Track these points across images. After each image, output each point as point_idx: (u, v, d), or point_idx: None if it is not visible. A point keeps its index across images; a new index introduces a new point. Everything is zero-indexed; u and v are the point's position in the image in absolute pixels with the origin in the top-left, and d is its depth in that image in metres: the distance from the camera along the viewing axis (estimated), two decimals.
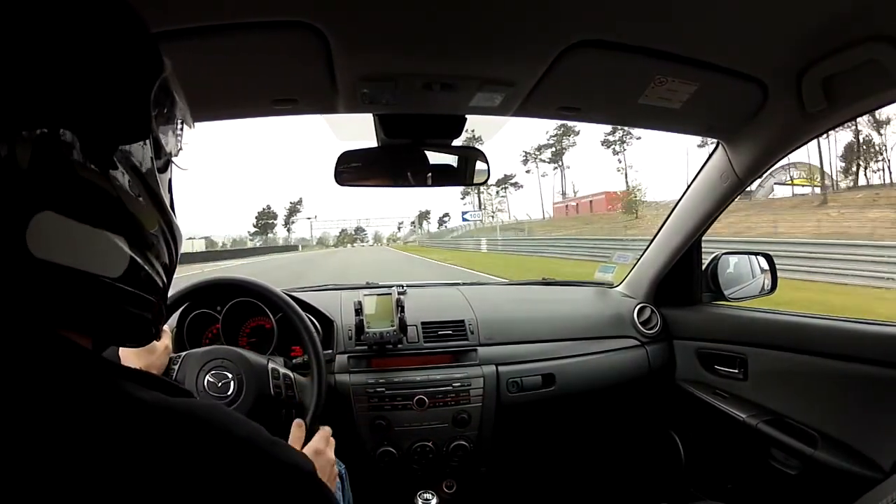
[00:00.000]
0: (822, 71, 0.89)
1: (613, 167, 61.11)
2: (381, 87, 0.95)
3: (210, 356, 1.02)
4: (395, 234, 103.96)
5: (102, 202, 0.35)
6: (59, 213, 0.33)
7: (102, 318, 0.37)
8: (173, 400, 0.35)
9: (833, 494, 1.07)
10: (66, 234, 0.33)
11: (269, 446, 0.37)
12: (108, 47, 0.36)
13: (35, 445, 0.29)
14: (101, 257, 0.35)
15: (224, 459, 0.34)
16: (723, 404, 1.38)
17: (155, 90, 0.39)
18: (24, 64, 0.32)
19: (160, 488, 0.31)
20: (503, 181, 66.18)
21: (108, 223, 0.36)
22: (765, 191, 32.84)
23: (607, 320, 1.60)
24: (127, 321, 0.39)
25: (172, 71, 0.41)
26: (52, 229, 0.33)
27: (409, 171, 1.21)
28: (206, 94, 0.94)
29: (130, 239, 0.37)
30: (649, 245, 1.62)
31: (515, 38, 0.82)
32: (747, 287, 1.53)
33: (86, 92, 0.34)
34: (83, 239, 0.34)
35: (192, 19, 0.73)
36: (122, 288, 0.37)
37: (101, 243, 0.35)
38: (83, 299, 0.35)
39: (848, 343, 1.12)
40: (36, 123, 0.32)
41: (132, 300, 0.38)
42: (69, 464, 0.29)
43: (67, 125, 0.33)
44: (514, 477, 1.63)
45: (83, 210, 0.34)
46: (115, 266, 0.36)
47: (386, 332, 1.34)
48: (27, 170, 0.31)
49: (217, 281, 1.21)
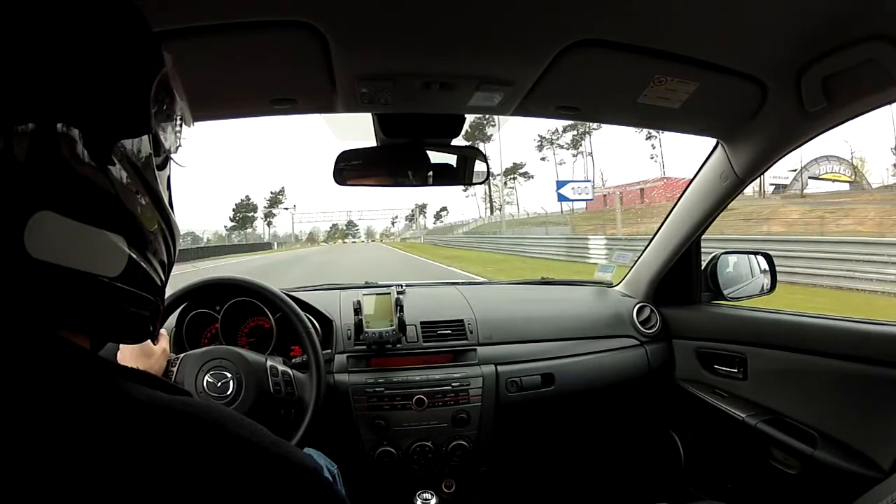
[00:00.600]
0: (822, 70, 0.89)
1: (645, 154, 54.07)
2: (380, 87, 0.95)
3: (208, 356, 1.02)
4: (388, 230, 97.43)
5: (101, 200, 0.35)
6: (57, 211, 0.32)
7: (100, 318, 0.37)
8: (173, 399, 0.35)
9: (833, 494, 1.07)
10: (65, 234, 0.33)
11: (273, 446, 0.37)
12: (108, 41, 0.36)
13: (34, 446, 0.29)
14: (100, 257, 0.35)
15: (227, 460, 0.34)
16: (722, 404, 1.38)
17: (155, 85, 0.38)
18: (23, 57, 0.31)
19: (162, 489, 0.30)
20: (512, 171, 60.57)
21: (107, 221, 0.35)
22: (799, 185, 31.08)
23: (607, 320, 1.60)
24: (125, 320, 0.39)
25: (172, 67, 0.41)
26: (50, 229, 0.32)
27: (409, 170, 1.21)
28: (205, 93, 0.94)
29: (129, 237, 0.37)
30: (648, 244, 1.62)
31: (514, 37, 0.82)
32: (747, 286, 1.53)
33: (85, 86, 0.34)
34: (82, 239, 0.34)
35: (191, 19, 0.73)
36: (120, 287, 0.37)
37: (99, 242, 0.35)
38: (81, 299, 0.35)
39: (848, 342, 1.12)
40: (33, 117, 0.32)
41: (130, 299, 0.38)
42: (68, 464, 0.29)
43: (65, 119, 0.33)
44: (514, 476, 1.63)
45: (82, 208, 0.34)
46: (114, 265, 0.36)
47: (385, 331, 1.34)
48: (24, 165, 0.31)
49: (216, 280, 1.21)
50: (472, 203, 59.55)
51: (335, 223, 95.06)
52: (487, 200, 61.06)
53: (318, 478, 0.38)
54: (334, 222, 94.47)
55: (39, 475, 0.28)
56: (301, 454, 0.39)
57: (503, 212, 55.40)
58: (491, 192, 60.54)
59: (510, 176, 60.07)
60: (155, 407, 0.33)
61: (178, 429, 0.33)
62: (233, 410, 0.39)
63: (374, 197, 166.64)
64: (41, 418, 0.30)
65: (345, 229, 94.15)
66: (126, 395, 0.33)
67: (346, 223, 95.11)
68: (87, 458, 0.29)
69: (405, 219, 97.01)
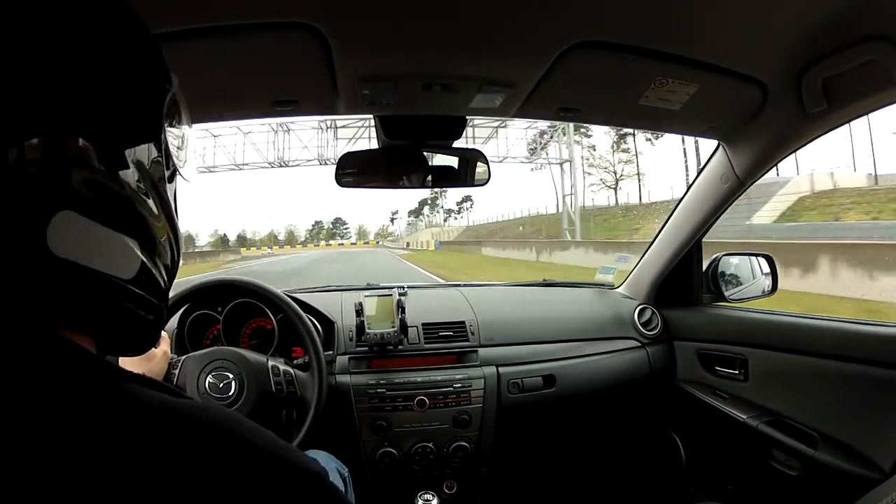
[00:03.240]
0: (823, 71, 0.89)
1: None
2: (382, 88, 0.95)
3: (210, 358, 1.03)
4: (385, 229, 75.69)
5: (118, 204, 0.36)
6: (78, 213, 0.33)
7: (111, 319, 0.38)
8: (177, 402, 0.35)
9: (833, 495, 1.07)
10: (85, 234, 0.34)
11: (277, 449, 0.37)
12: (125, 58, 0.37)
13: (38, 447, 0.29)
14: (116, 258, 0.36)
15: (231, 463, 0.34)
16: (723, 405, 1.38)
17: (168, 100, 0.40)
18: (41, 71, 0.32)
19: (165, 492, 0.30)
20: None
21: (123, 225, 0.37)
22: None
23: (608, 321, 1.60)
24: (132, 323, 0.40)
25: (178, 84, 0.43)
26: (72, 228, 0.33)
27: (411, 172, 1.21)
28: (207, 95, 0.94)
29: (141, 242, 0.38)
30: (650, 246, 1.62)
31: (515, 38, 0.82)
32: (748, 288, 1.52)
33: (103, 99, 0.35)
34: (101, 240, 0.35)
35: (193, 20, 0.73)
36: (132, 290, 0.38)
37: (117, 244, 0.36)
38: (96, 299, 0.36)
39: (848, 344, 1.12)
40: (54, 127, 0.33)
41: (140, 302, 0.39)
42: (69, 465, 0.29)
43: (84, 128, 0.34)
44: (515, 478, 1.63)
45: (101, 211, 0.35)
46: (128, 268, 0.37)
47: (387, 332, 1.34)
48: (46, 168, 0.32)
49: (218, 282, 1.22)
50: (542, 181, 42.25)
51: (318, 221, 76.48)
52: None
53: (321, 482, 0.38)
54: (317, 220, 75.32)
55: (40, 475, 0.28)
56: (305, 458, 0.39)
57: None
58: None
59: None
60: (159, 409, 0.34)
61: (182, 431, 0.33)
62: (236, 413, 0.39)
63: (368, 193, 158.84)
64: (46, 420, 0.30)
65: (331, 228, 76.04)
66: (131, 397, 0.33)
67: (333, 221, 75.92)
68: (88, 459, 0.29)
69: (409, 215, 75.19)
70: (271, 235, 73.90)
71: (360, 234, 77.23)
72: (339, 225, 75.87)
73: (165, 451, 0.31)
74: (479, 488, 1.44)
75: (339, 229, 75.66)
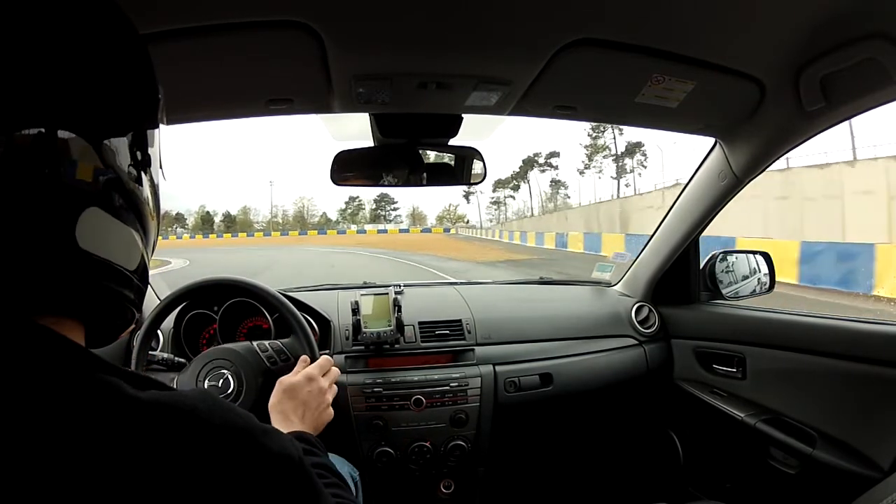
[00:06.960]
0: (821, 69, 0.89)
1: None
2: (377, 87, 0.94)
3: (201, 364, 1.03)
4: (453, 211, 54.20)
5: (129, 201, 0.39)
6: (103, 209, 0.36)
7: (108, 308, 0.40)
8: (158, 392, 0.36)
9: (832, 493, 1.07)
10: (107, 229, 0.37)
11: (258, 434, 0.38)
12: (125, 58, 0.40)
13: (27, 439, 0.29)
14: (125, 251, 0.39)
15: (209, 448, 0.34)
16: (721, 403, 1.38)
17: (161, 95, 0.43)
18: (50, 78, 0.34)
19: (145, 480, 0.31)
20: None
21: (131, 220, 0.40)
22: None
23: (605, 319, 1.59)
24: (123, 310, 0.42)
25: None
26: (97, 223, 0.36)
27: (406, 170, 1.21)
28: (201, 94, 0.94)
29: (141, 235, 0.42)
30: (647, 244, 1.62)
31: (512, 36, 0.82)
32: (745, 286, 1.53)
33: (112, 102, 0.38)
34: (116, 233, 0.38)
35: (187, 19, 0.73)
36: (132, 279, 0.41)
37: (127, 238, 0.39)
38: (103, 289, 0.38)
39: (847, 342, 1.12)
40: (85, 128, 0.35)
41: (135, 289, 0.42)
42: (59, 457, 0.30)
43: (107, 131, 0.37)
44: (512, 477, 1.63)
45: (118, 208, 0.38)
46: (133, 259, 0.41)
47: (383, 331, 1.34)
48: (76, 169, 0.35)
49: (214, 281, 1.21)
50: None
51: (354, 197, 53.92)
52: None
53: (300, 467, 0.40)
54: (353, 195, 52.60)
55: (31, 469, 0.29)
56: (287, 442, 0.40)
57: None
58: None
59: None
60: (144, 401, 0.34)
61: (164, 420, 0.34)
62: (215, 396, 0.39)
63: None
64: (34, 412, 0.30)
65: (375, 209, 56.13)
66: (108, 387, 0.34)
67: (378, 198, 54.32)
68: (77, 450, 0.30)
69: (495, 187, 51.79)
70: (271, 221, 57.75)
71: (416, 218, 57.87)
72: (386, 205, 55.36)
73: (143, 439, 0.32)
74: (476, 487, 1.44)
75: (386, 210, 55.71)
